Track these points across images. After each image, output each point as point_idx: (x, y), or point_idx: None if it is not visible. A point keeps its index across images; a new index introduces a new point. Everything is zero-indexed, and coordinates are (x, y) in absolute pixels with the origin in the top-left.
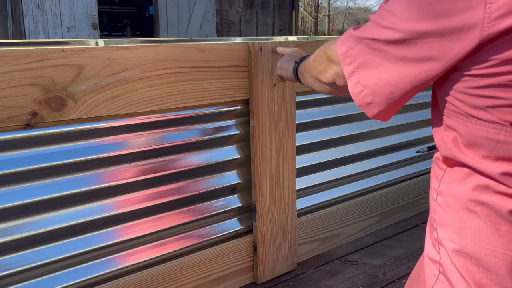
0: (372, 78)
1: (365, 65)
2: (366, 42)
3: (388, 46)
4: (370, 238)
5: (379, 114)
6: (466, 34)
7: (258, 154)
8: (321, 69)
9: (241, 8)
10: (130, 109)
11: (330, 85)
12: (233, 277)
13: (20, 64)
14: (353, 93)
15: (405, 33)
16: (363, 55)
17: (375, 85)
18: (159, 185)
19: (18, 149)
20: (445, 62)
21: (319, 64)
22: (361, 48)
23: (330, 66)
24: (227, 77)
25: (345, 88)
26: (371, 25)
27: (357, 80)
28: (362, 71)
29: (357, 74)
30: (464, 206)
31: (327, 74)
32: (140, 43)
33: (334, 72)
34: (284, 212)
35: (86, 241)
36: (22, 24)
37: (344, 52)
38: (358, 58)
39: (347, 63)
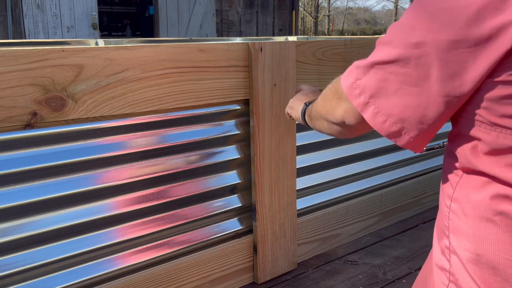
0: (394, 105)
1: (380, 92)
2: (377, 68)
3: (406, 67)
4: (370, 238)
5: (410, 141)
6: (498, 38)
7: (258, 154)
8: (329, 109)
9: (241, 8)
10: (130, 109)
11: (339, 124)
12: (233, 277)
13: (20, 64)
14: (375, 124)
15: (426, 48)
16: (376, 82)
17: (402, 112)
18: (159, 185)
19: (18, 149)
20: (479, 72)
21: (326, 103)
22: (371, 76)
23: (338, 104)
24: (227, 77)
25: (357, 127)
26: (380, 48)
27: (376, 111)
28: (379, 99)
29: (372, 104)
30: (481, 215)
31: (335, 112)
32: (140, 43)
33: (343, 110)
34: (284, 212)
35: (86, 241)
36: (22, 24)
37: (350, 84)
38: (369, 87)
39: (356, 95)
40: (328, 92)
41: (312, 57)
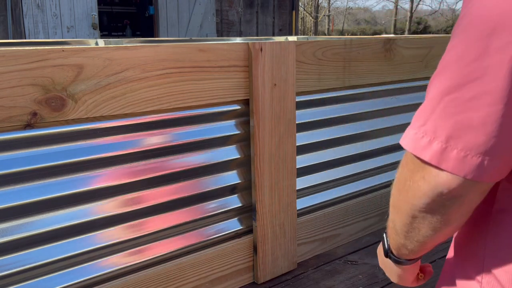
0: (490, 139)
1: (462, 128)
2: (450, 98)
3: (498, 81)
4: (370, 238)
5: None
6: None
7: (258, 154)
8: (413, 193)
9: (241, 8)
10: (130, 109)
11: (434, 203)
12: (233, 277)
13: (20, 64)
14: (469, 172)
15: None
16: (452, 117)
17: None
18: (159, 185)
19: (18, 149)
20: None
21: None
22: (442, 112)
23: (415, 179)
24: (227, 77)
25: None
26: (439, 77)
27: (462, 154)
28: (461, 139)
29: (454, 147)
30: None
31: (420, 190)
32: (140, 43)
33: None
34: (284, 212)
35: (86, 241)
36: (22, 24)
37: (413, 136)
38: (442, 127)
39: (425, 145)
40: (399, 178)
41: (312, 57)
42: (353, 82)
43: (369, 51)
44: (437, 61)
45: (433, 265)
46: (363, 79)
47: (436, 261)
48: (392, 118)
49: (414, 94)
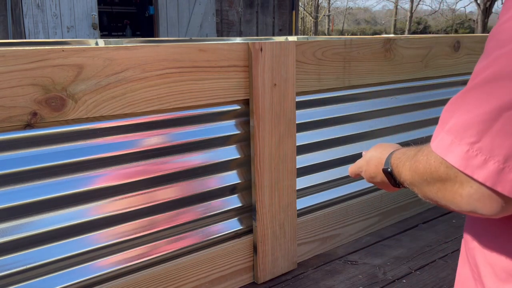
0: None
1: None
2: (509, 115)
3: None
4: (370, 238)
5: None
6: None
7: (258, 154)
8: (444, 194)
9: (241, 8)
10: (130, 109)
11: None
12: (233, 277)
13: (20, 64)
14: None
15: None
16: (509, 138)
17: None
18: (159, 185)
19: (18, 149)
20: None
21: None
22: (500, 130)
23: (457, 188)
24: (227, 77)
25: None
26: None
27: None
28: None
29: (510, 170)
30: None
31: (458, 202)
32: (140, 43)
33: (466, 199)
34: (284, 212)
35: (86, 241)
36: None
37: (465, 154)
38: (501, 146)
39: (479, 165)
40: (426, 169)
41: (312, 57)
42: (353, 82)
43: (369, 51)
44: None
45: (433, 264)
46: (363, 79)
47: (436, 261)
48: (392, 118)
49: (414, 94)
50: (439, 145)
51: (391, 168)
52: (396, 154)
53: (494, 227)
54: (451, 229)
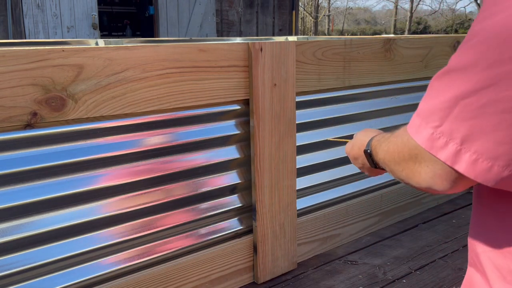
0: (499, 143)
1: (475, 133)
2: (465, 103)
3: (504, 90)
4: (370, 238)
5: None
6: None
7: (258, 154)
8: (407, 173)
9: (241, 8)
10: (130, 109)
11: (425, 190)
12: (233, 277)
13: (20, 64)
14: (477, 175)
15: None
16: (467, 122)
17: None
18: (159, 185)
19: (18, 149)
20: None
21: (400, 164)
22: (458, 116)
23: (418, 168)
24: (227, 77)
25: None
26: (455, 77)
27: (474, 157)
28: (475, 142)
29: (467, 150)
30: None
31: (418, 179)
32: (140, 43)
33: (429, 175)
34: (284, 212)
35: (86, 241)
36: (22, 24)
37: (430, 135)
38: (458, 130)
39: (441, 146)
40: (395, 149)
41: (312, 57)
42: (353, 82)
43: (369, 51)
44: (437, 61)
45: (433, 264)
46: (363, 79)
47: (436, 261)
48: (392, 118)
49: (414, 94)
50: (410, 126)
51: (370, 150)
52: (376, 137)
53: (496, 231)
54: (451, 229)
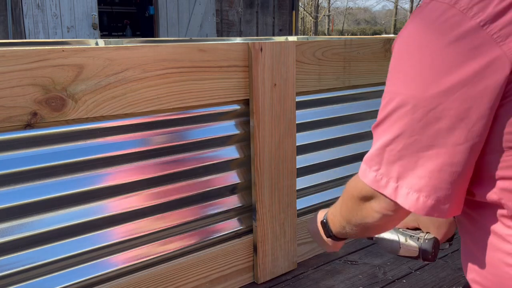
0: (420, 177)
1: (404, 171)
2: (389, 150)
3: (413, 135)
4: None
5: (450, 209)
6: (493, 66)
7: (258, 154)
8: (362, 214)
9: (241, 8)
10: (130, 109)
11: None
12: (233, 277)
13: (20, 64)
14: (410, 205)
15: (426, 104)
16: (395, 164)
17: (430, 181)
18: (159, 185)
19: (18, 149)
20: (490, 103)
21: (352, 213)
22: (388, 159)
23: (368, 205)
24: (227, 77)
25: (397, 216)
26: (379, 132)
27: (406, 191)
28: (406, 179)
29: (402, 185)
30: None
31: (371, 213)
32: (140, 43)
33: (377, 208)
34: (284, 212)
35: (86, 241)
36: (22, 24)
37: (374, 177)
38: (392, 171)
39: (384, 185)
40: (348, 197)
41: (312, 57)
42: (353, 82)
43: (369, 51)
44: None
45: (433, 264)
46: (363, 79)
47: (436, 261)
48: None
49: None
50: (360, 171)
51: (326, 219)
52: (331, 208)
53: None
54: None
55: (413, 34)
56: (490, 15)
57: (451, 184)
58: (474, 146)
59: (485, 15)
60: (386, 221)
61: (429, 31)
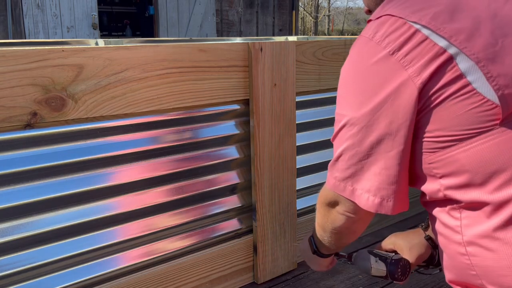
0: (367, 180)
1: (355, 176)
2: (341, 160)
3: (356, 147)
4: (370, 238)
5: (394, 206)
6: (403, 86)
7: (258, 154)
8: (331, 219)
9: (241, 8)
10: (130, 109)
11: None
12: (233, 277)
13: (20, 64)
14: (364, 204)
15: (360, 122)
16: (347, 170)
17: (374, 183)
18: (159, 185)
19: (18, 149)
20: (406, 116)
21: (325, 222)
22: (341, 167)
23: (335, 211)
24: (227, 77)
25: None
26: (334, 143)
27: (359, 192)
28: (358, 182)
29: (356, 188)
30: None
31: (339, 217)
32: (140, 43)
33: (342, 211)
34: (284, 212)
35: (86, 241)
36: (22, 24)
37: (333, 183)
38: (346, 177)
39: (342, 189)
40: (319, 204)
41: (312, 57)
42: None
43: None
44: None
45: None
46: None
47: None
48: None
49: None
50: (326, 179)
51: (312, 235)
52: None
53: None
54: None
55: (347, 65)
56: (397, 44)
57: (389, 185)
58: (401, 152)
59: (394, 44)
60: (352, 223)
61: (356, 61)
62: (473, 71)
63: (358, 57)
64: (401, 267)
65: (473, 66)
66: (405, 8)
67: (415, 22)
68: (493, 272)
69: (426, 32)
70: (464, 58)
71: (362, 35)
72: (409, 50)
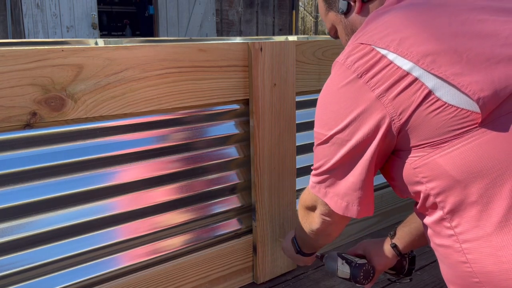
0: (336, 186)
1: (328, 182)
2: (317, 167)
3: (329, 159)
4: (370, 238)
5: (359, 209)
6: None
7: (258, 154)
8: (309, 221)
9: (241, 8)
10: (130, 109)
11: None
12: (233, 277)
13: (19, 64)
14: (334, 206)
15: (332, 138)
16: (322, 177)
17: (341, 189)
18: (159, 185)
19: (18, 149)
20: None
21: (306, 222)
22: (318, 174)
23: (313, 212)
24: (227, 77)
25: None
26: (314, 154)
27: (331, 195)
28: (330, 187)
29: (329, 191)
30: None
31: (316, 219)
32: (140, 43)
33: (319, 212)
34: (284, 212)
35: (86, 241)
36: (22, 24)
37: (313, 187)
38: (322, 181)
39: (317, 191)
40: (300, 207)
41: (312, 57)
42: None
43: None
44: None
45: (433, 264)
46: None
47: (436, 261)
48: None
49: None
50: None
51: (294, 237)
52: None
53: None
54: None
55: (323, 88)
56: (364, 68)
57: (354, 191)
58: (366, 163)
59: (362, 68)
60: (327, 225)
61: (329, 84)
62: (440, 86)
63: (331, 80)
64: (364, 271)
65: (440, 82)
66: (373, 35)
67: (382, 48)
68: (496, 277)
69: (391, 57)
70: (431, 77)
71: (336, 60)
72: (375, 73)
